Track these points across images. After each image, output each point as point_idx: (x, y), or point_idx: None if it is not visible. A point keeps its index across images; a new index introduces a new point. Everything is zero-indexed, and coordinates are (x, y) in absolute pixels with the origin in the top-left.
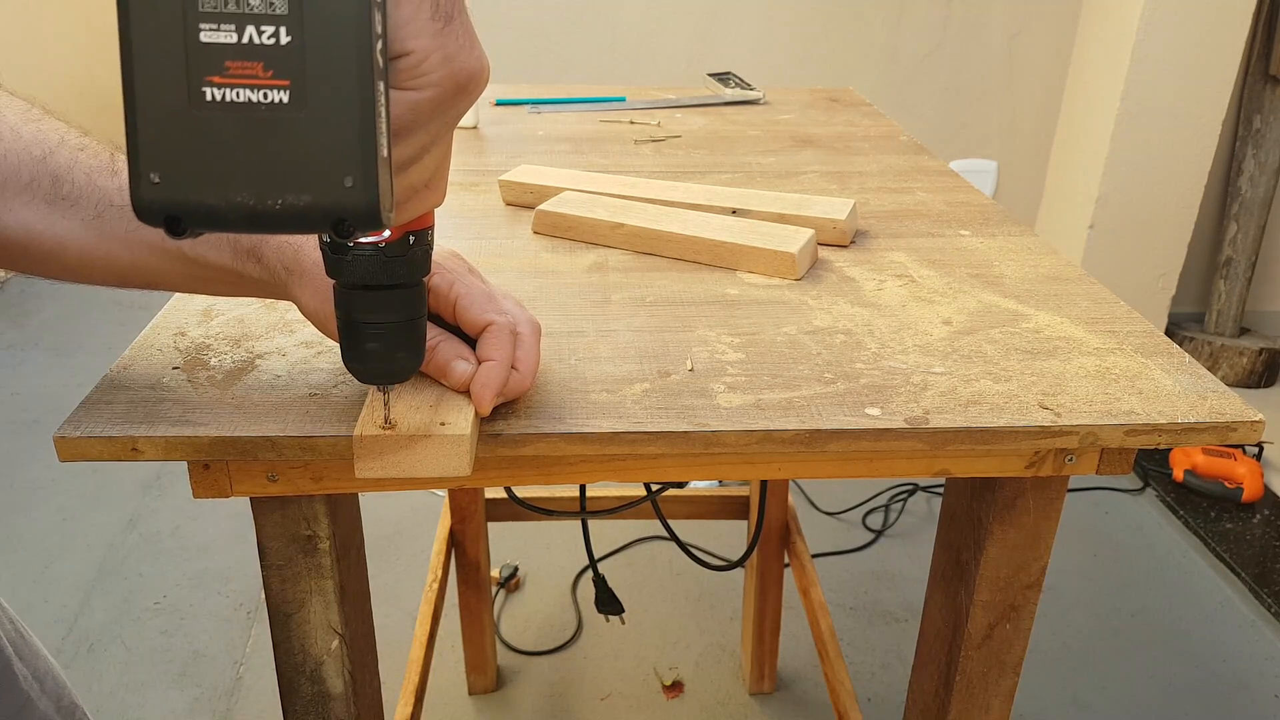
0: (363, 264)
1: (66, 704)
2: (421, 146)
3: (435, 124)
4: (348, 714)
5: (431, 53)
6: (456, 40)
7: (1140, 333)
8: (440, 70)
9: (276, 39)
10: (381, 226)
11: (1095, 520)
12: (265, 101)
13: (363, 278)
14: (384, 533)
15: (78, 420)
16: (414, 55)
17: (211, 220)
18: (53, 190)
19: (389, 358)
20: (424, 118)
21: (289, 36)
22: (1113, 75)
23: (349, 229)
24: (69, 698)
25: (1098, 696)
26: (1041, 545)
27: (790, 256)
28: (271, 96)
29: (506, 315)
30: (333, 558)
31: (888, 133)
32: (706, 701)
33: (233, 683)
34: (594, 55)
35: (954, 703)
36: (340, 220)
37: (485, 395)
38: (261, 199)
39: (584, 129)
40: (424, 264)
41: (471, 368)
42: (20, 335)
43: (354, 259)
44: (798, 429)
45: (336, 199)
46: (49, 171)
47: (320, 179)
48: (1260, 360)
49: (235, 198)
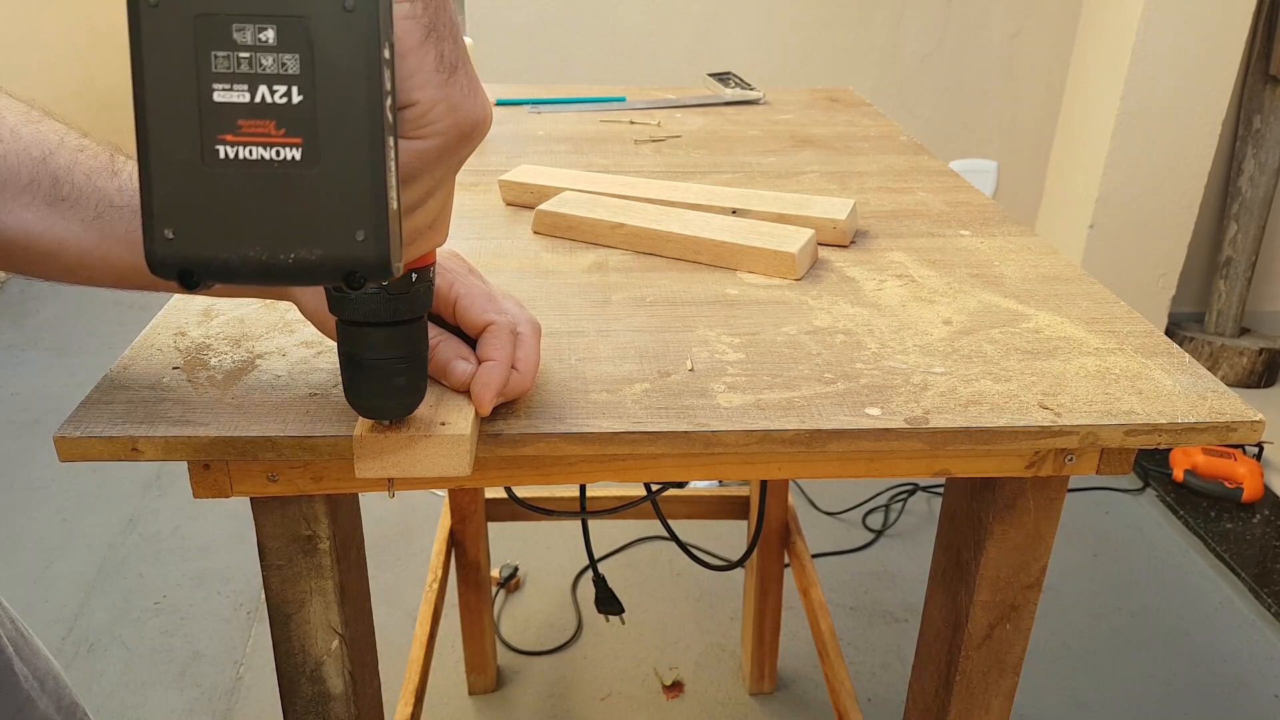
0: (366, 302)
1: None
2: (426, 191)
3: (440, 170)
4: (348, 714)
5: (437, 103)
6: (460, 90)
7: (1140, 333)
8: (445, 120)
9: (289, 98)
10: (392, 276)
11: (1095, 520)
12: (278, 159)
13: (366, 315)
14: (384, 533)
15: (78, 420)
16: (420, 106)
17: (225, 274)
18: (52, 191)
19: (388, 394)
20: (429, 165)
21: (301, 95)
22: (1113, 75)
23: (360, 280)
24: (69, 697)
25: (1098, 696)
26: (1041, 545)
27: (790, 256)
28: (284, 154)
29: (506, 315)
30: (333, 558)
31: (888, 133)
32: (706, 701)
33: (233, 683)
34: (594, 55)
35: (954, 703)
36: (352, 272)
37: (485, 395)
38: (274, 254)
39: (584, 129)
40: (426, 299)
41: (471, 367)
42: (20, 335)
43: (358, 298)
44: (798, 429)
45: (348, 252)
46: (49, 172)
47: (332, 233)
48: (1260, 360)
49: (248, 253)
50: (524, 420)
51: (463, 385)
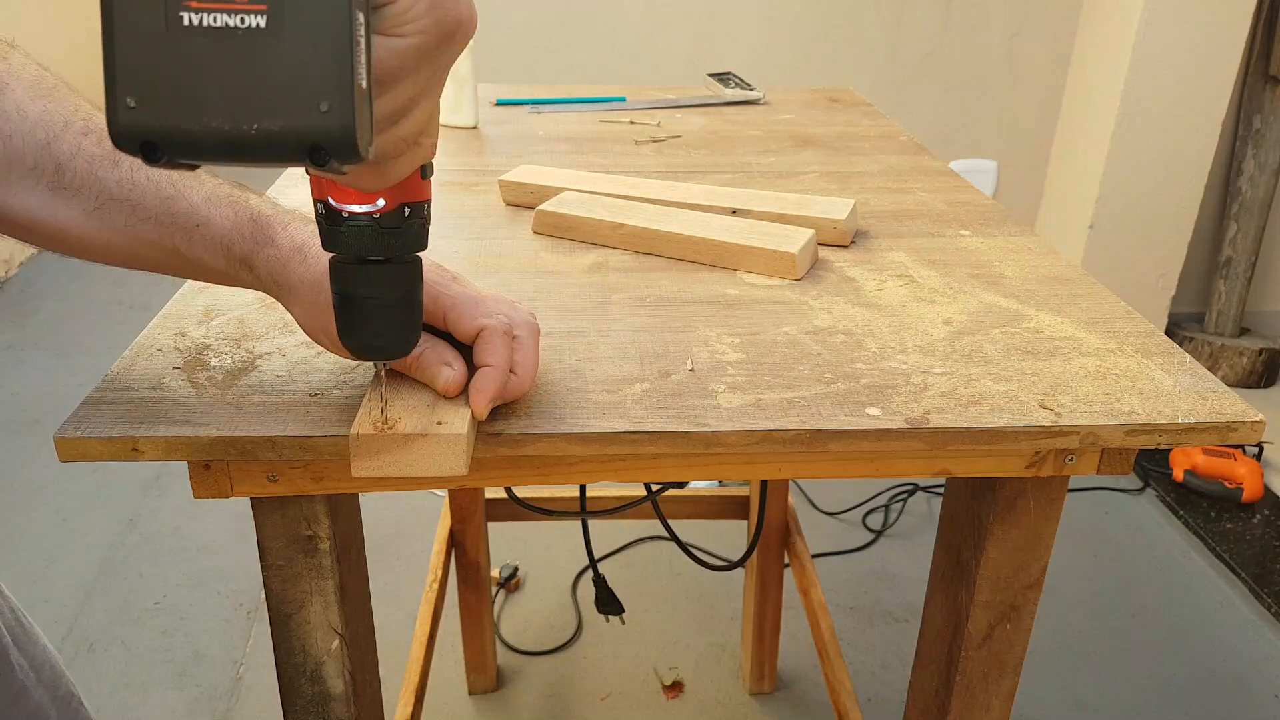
0: (357, 236)
1: (63, 694)
2: (410, 98)
3: (423, 73)
4: (348, 714)
5: None
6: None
7: (1140, 333)
8: (426, 17)
9: None
10: (359, 156)
11: (1095, 520)
12: (242, 27)
13: (357, 251)
14: (384, 533)
15: (78, 420)
16: (400, 2)
17: (187, 146)
18: (56, 178)
19: (383, 333)
20: (411, 65)
21: None
22: (1113, 75)
23: (325, 157)
24: (65, 687)
25: (1098, 696)
26: (1042, 545)
27: (790, 256)
28: (249, 21)
29: (499, 318)
30: (333, 558)
31: (888, 133)
32: (706, 701)
33: (233, 683)
34: (594, 55)
35: (954, 703)
36: (316, 147)
37: (481, 400)
38: (237, 124)
39: (584, 129)
40: (420, 237)
41: (455, 373)
42: (20, 335)
43: (348, 230)
44: (798, 429)
45: (311, 123)
46: (52, 158)
47: (296, 104)
48: (1260, 360)
49: (211, 122)
50: (524, 420)
51: (450, 391)
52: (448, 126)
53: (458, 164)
